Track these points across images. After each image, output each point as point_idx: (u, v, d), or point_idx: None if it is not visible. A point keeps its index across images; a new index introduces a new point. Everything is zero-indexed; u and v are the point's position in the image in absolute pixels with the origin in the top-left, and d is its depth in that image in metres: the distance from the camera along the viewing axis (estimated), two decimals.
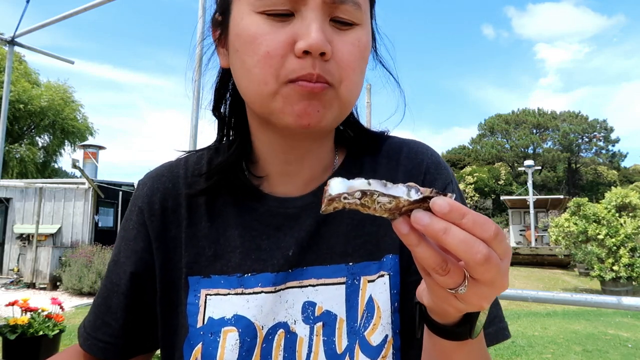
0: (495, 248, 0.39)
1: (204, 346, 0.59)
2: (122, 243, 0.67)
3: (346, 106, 0.57)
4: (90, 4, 4.55)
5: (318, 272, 0.61)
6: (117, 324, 0.65)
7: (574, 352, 5.74)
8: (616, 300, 1.86)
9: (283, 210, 0.64)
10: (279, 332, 0.60)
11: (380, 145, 0.69)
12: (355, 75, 0.56)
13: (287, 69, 0.53)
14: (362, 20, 0.56)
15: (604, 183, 41.43)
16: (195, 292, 0.62)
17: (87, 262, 9.72)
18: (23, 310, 4.07)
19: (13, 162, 21.90)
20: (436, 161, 0.67)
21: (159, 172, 0.70)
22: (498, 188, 40.00)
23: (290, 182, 0.65)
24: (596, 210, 12.24)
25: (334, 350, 0.59)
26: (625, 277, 10.93)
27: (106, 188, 12.68)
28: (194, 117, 3.48)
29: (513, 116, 48.45)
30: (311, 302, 0.60)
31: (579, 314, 8.51)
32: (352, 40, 0.55)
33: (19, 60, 22.36)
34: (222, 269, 0.62)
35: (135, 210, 0.67)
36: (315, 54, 0.52)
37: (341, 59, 0.54)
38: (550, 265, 17.63)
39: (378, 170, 0.66)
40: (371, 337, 0.59)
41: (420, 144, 0.69)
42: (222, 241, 0.64)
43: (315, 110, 0.54)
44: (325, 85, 0.53)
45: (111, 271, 0.67)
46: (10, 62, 5.47)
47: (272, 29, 0.53)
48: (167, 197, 0.66)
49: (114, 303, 0.66)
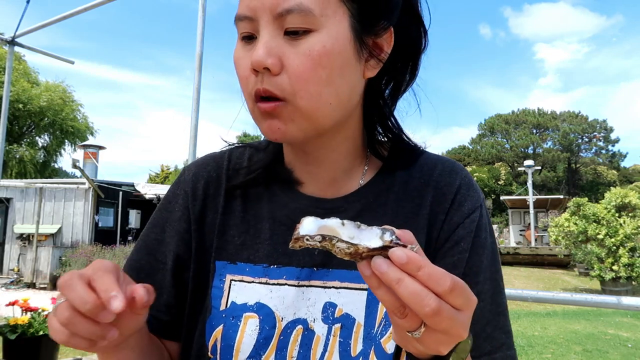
0: (451, 301, 0.41)
1: (225, 328, 0.62)
2: (165, 223, 0.70)
3: (313, 117, 0.57)
4: (90, 4, 4.56)
5: (343, 275, 0.63)
6: (162, 300, 0.67)
7: (574, 352, 5.74)
8: (616, 300, 1.86)
9: (313, 209, 0.65)
10: (297, 328, 0.61)
11: (414, 160, 0.69)
12: (311, 85, 0.55)
13: (251, 88, 0.57)
14: (318, 25, 0.54)
15: (603, 183, 41.45)
16: (220, 276, 0.65)
17: (87, 262, 9.73)
18: (23, 310, 4.07)
19: (12, 162, 21.90)
20: (468, 183, 0.68)
21: (205, 160, 0.73)
22: (498, 188, 40.05)
23: (315, 182, 0.67)
24: (596, 210, 12.25)
25: (349, 352, 0.60)
26: (625, 277, 10.94)
27: (106, 188, 12.69)
28: (194, 117, 3.48)
29: (513, 116, 48.47)
30: (332, 303, 0.62)
31: (579, 314, 8.52)
32: (304, 51, 0.54)
33: (18, 59, 22.35)
34: (249, 257, 0.65)
35: (180, 193, 0.71)
36: (259, 69, 0.54)
37: (292, 72, 0.54)
38: (550, 265, 17.64)
39: (410, 184, 0.67)
40: (387, 345, 0.60)
41: (455, 164, 0.70)
42: (252, 232, 0.66)
43: (276, 127, 0.57)
44: (278, 103, 0.55)
45: (154, 249, 0.69)
46: (11, 62, 5.47)
47: (244, 52, 0.58)
48: (209, 185, 0.70)
49: (159, 279, 0.67)
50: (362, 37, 0.58)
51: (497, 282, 0.64)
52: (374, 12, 0.58)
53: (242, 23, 0.57)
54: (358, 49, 0.58)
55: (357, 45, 0.57)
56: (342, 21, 0.56)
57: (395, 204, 0.66)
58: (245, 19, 0.56)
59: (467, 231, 0.64)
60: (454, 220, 0.64)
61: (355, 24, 0.57)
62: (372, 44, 0.60)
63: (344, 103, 0.59)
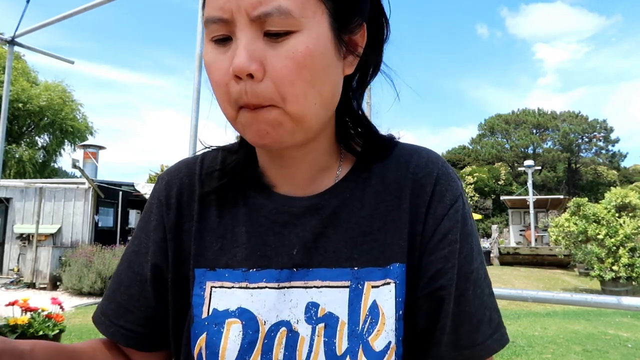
0: None
1: (208, 336, 0.61)
2: (142, 234, 0.69)
3: (301, 120, 0.56)
4: (90, 4, 4.55)
5: (323, 274, 0.62)
6: (140, 313, 0.67)
7: (574, 352, 5.74)
8: (616, 300, 1.86)
9: (288, 208, 0.65)
10: (281, 330, 0.61)
11: (389, 151, 0.69)
12: (297, 88, 0.53)
13: (234, 95, 0.54)
14: (299, 26, 0.53)
15: (603, 183, 41.46)
16: (200, 284, 0.64)
17: (87, 262, 9.73)
18: (23, 310, 4.07)
19: (11, 162, 21.89)
20: (447, 172, 0.67)
21: (177, 167, 0.73)
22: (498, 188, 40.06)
23: (290, 183, 0.66)
24: (596, 210, 12.24)
25: (334, 351, 0.60)
26: (625, 277, 10.94)
27: (106, 188, 12.69)
28: (194, 117, 3.48)
29: (513, 116, 48.48)
30: (315, 303, 0.61)
31: (579, 314, 8.52)
32: (286, 53, 0.53)
33: (17, 58, 22.33)
34: (227, 262, 0.64)
35: (155, 202, 0.70)
36: (243, 77, 0.52)
37: (275, 76, 0.52)
38: (550, 265, 17.65)
39: (387, 177, 0.66)
40: (375, 343, 0.60)
41: (432, 153, 0.69)
42: (229, 236, 0.65)
43: (265, 132, 0.55)
44: (264, 107, 0.54)
45: (132, 261, 0.69)
46: (11, 62, 5.47)
47: (218, 56, 0.55)
48: (182, 192, 0.69)
49: (136, 291, 0.67)
50: (341, 35, 0.57)
51: (483, 263, 0.65)
52: (350, 9, 0.58)
53: (214, 25, 0.54)
54: (338, 47, 0.57)
55: (337, 44, 0.57)
56: (322, 21, 0.55)
57: (374, 197, 0.65)
58: (219, 21, 0.54)
59: (453, 222, 0.63)
60: (438, 212, 0.64)
61: (333, 23, 0.56)
62: (348, 41, 0.59)
63: (327, 103, 0.58)
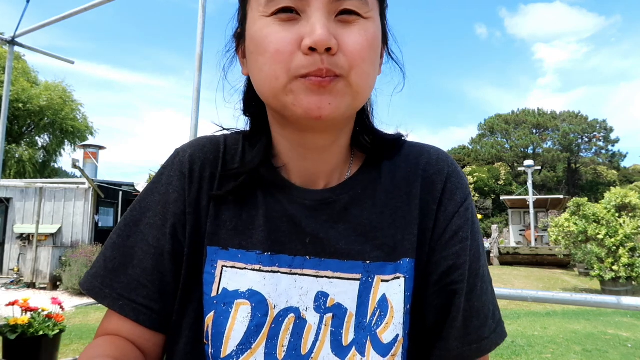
0: None
1: (216, 315, 0.61)
2: (157, 206, 0.66)
3: (359, 95, 0.58)
4: (90, 4, 4.55)
5: (335, 265, 0.63)
6: (154, 287, 0.63)
7: (574, 352, 5.74)
8: (616, 300, 1.86)
9: (302, 200, 0.65)
10: (289, 316, 0.61)
11: (398, 149, 0.70)
12: (365, 64, 0.57)
13: (296, 65, 0.55)
14: (369, 16, 0.58)
15: (603, 183, 41.43)
16: (212, 262, 0.64)
17: (87, 262, 9.73)
18: (23, 310, 4.07)
19: (10, 162, 21.88)
20: (457, 170, 0.69)
21: (200, 142, 0.71)
22: (498, 188, 40.03)
23: (306, 176, 0.67)
24: (596, 210, 12.23)
25: (340, 342, 0.61)
26: (625, 277, 10.93)
27: (106, 188, 12.69)
28: (194, 117, 3.48)
29: (513, 116, 48.45)
30: (324, 292, 0.62)
31: (578, 313, 8.52)
32: (359, 31, 0.56)
33: (17, 58, 22.32)
34: (241, 243, 0.64)
35: (175, 175, 0.67)
36: (320, 50, 0.54)
37: (348, 50, 0.55)
38: (550, 265, 17.64)
39: (397, 175, 0.68)
40: (383, 335, 0.61)
41: (441, 151, 0.71)
42: (244, 217, 0.65)
43: (327, 103, 0.56)
44: (334, 78, 0.55)
45: (146, 233, 0.65)
46: (11, 62, 5.47)
47: (281, 29, 0.56)
48: (205, 167, 0.68)
49: (150, 265, 0.63)
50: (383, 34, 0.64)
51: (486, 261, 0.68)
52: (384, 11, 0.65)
53: None
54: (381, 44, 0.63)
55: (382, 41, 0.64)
56: (378, 17, 0.61)
57: (384, 195, 0.66)
58: None
59: (464, 219, 0.65)
60: (449, 209, 0.66)
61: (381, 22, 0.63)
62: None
63: (370, 89, 0.62)
